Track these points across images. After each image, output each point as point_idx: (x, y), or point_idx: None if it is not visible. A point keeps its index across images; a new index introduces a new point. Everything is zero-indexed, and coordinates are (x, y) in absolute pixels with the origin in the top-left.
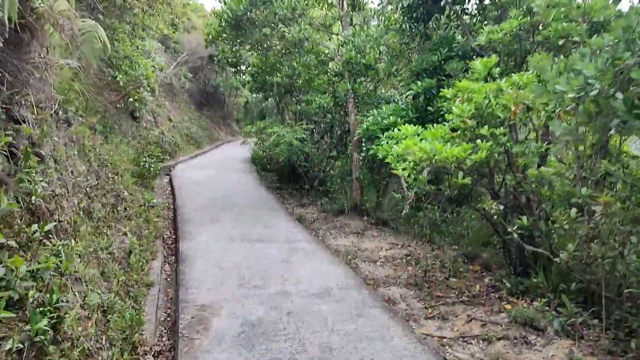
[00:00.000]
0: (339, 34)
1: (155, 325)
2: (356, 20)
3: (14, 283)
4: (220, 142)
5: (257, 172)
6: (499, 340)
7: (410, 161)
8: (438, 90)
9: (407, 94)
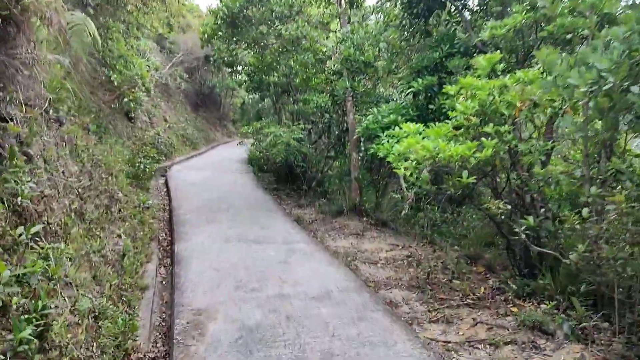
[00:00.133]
0: (337, 32)
1: (150, 330)
2: (354, 18)
3: None
4: (216, 143)
5: (254, 173)
6: (507, 344)
7: (412, 160)
8: (439, 87)
9: (408, 91)
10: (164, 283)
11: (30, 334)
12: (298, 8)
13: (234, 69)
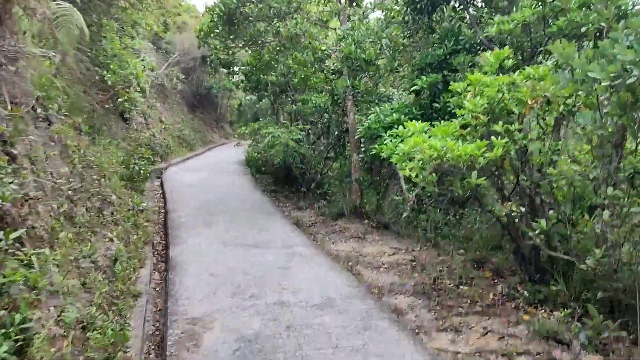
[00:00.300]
0: (336, 29)
1: (142, 340)
2: (354, 17)
3: None
4: (213, 145)
5: (252, 175)
6: (520, 355)
7: (418, 160)
8: (444, 85)
9: (412, 89)
10: (157, 289)
11: (7, 351)
12: (297, 5)
13: (231, 69)
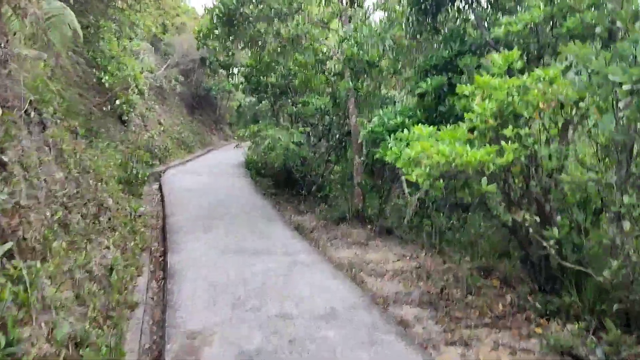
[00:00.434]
0: (338, 30)
1: (139, 355)
2: (355, 19)
3: None
4: (212, 147)
5: (251, 178)
6: None
7: (425, 165)
8: (449, 88)
9: (417, 92)
10: (155, 299)
11: None
12: (298, 5)
13: (231, 71)
